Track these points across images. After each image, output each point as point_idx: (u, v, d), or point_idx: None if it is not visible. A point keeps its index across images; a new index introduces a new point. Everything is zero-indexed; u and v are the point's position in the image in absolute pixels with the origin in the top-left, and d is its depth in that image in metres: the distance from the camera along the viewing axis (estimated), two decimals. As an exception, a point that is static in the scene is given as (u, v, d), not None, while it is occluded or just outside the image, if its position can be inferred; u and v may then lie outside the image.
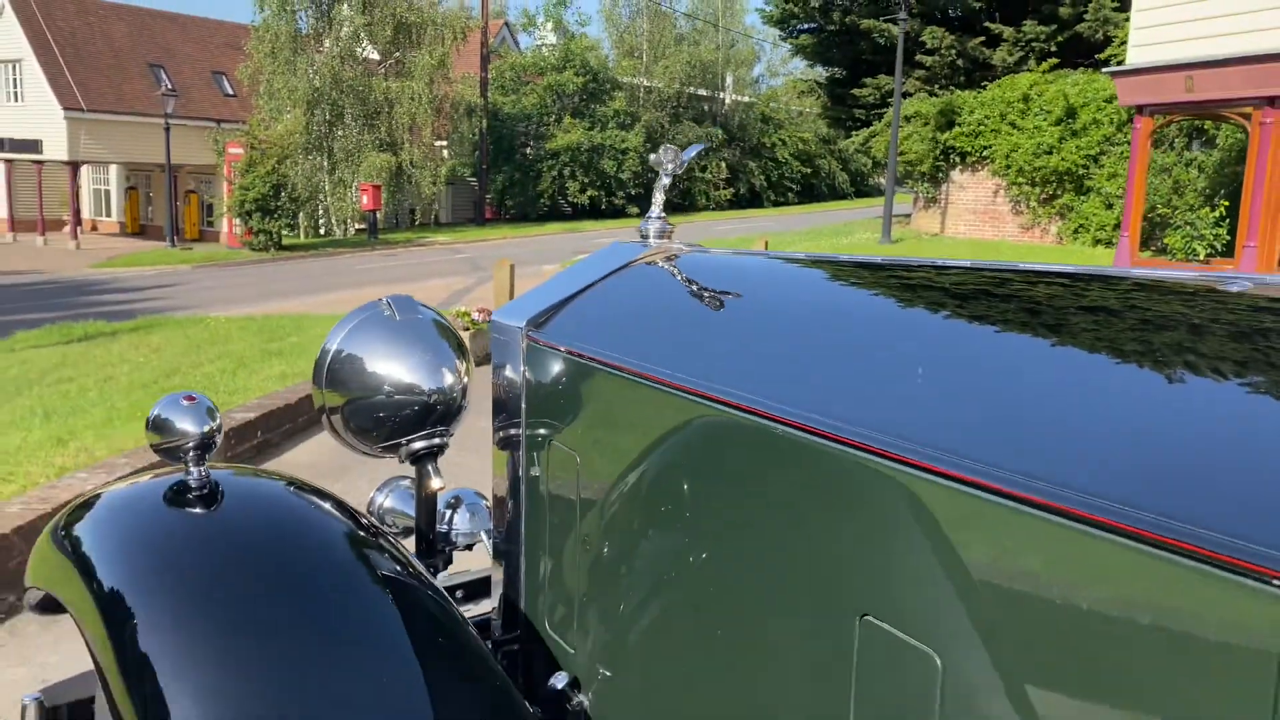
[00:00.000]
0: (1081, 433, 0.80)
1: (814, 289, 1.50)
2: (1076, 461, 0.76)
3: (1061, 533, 0.70)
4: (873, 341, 1.16)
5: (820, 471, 0.96)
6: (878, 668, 0.88)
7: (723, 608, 1.12)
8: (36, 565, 1.53)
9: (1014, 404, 0.90)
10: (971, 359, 1.01)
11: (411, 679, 1.19)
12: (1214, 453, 0.72)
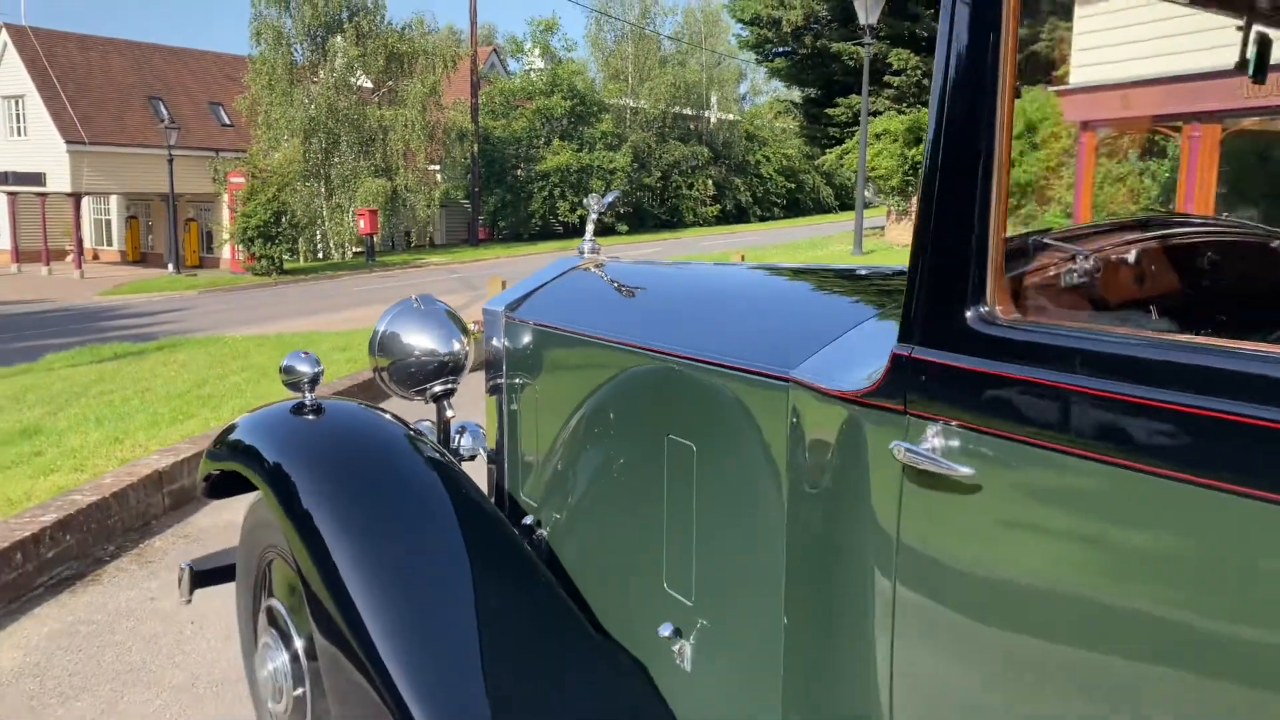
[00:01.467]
0: (739, 330, 1.75)
1: (684, 278, 2.45)
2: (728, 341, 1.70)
3: (706, 374, 1.65)
4: (704, 306, 2.10)
5: (669, 377, 1.89)
6: (676, 460, 1.82)
7: (618, 465, 2.05)
8: (206, 463, 2.46)
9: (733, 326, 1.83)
10: (749, 312, 1.95)
11: (463, 523, 2.10)
12: (789, 332, 1.66)
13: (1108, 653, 1.06)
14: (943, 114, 1.21)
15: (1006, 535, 1.18)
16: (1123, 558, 1.05)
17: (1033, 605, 1.15)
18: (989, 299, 1.17)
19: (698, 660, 1.80)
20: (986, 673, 1.22)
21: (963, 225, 1.18)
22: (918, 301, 1.23)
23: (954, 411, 1.18)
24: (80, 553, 4.08)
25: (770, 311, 1.94)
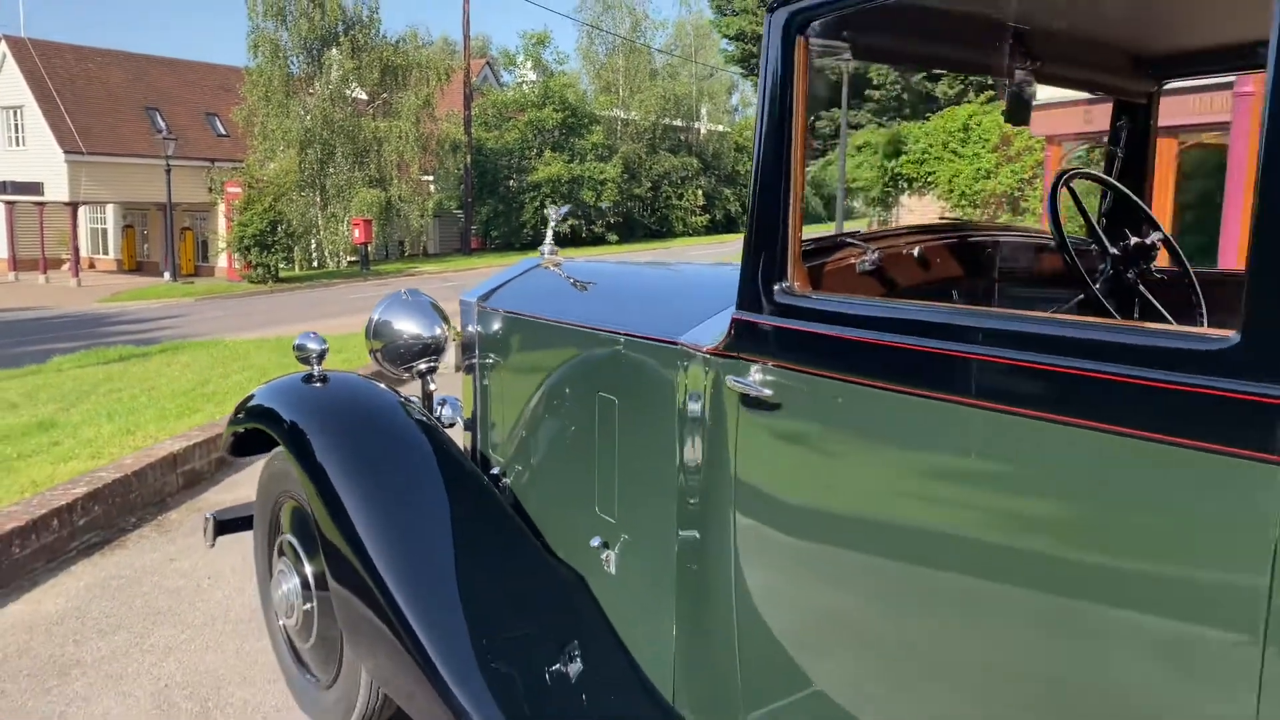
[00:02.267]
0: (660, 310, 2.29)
1: (620, 272, 2.99)
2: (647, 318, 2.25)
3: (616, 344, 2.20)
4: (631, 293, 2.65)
5: (601, 348, 2.43)
6: (604, 412, 2.36)
7: (563, 421, 2.59)
8: (230, 427, 2.99)
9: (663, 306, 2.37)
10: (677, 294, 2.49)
11: (452, 481, 2.62)
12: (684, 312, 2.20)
13: (879, 533, 1.61)
14: (758, 156, 1.76)
15: (801, 438, 1.73)
16: (877, 450, 1.60)
17: (819, 488, 1.69)
18: (789, 278, 1.71)
19: (620, 564, 2.34)
20: (794, 539, 1.77)
21: (772, 231, 1.73)
22: (745, 282, 1.78)
23: (767, 355, 1.73)
24: (106, 523, 4.60)
25: (679, 296, 2.49)
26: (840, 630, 1.73)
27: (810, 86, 1.73)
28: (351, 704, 2.68)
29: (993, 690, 1.44)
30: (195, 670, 3.23)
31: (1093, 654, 1.26)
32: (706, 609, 2.05)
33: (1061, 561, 1.32)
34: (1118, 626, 1.25)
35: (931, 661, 1.53)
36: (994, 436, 1.40)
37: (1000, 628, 1.41)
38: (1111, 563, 1.26)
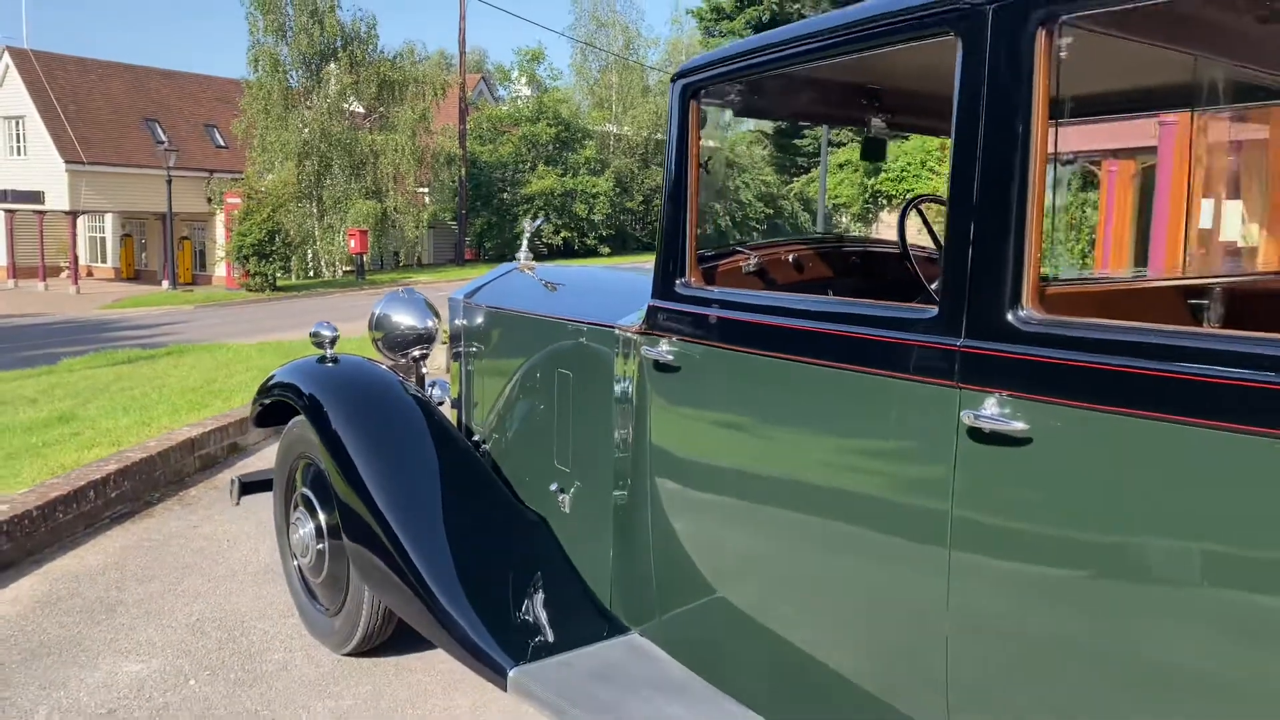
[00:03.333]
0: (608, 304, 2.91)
1: (581, 273, 3.62)
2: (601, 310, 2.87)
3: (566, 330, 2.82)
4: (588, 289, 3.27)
5: (562, 332, 3.04)
6: (562, 384, 2.97)
7: (531, 394, 3.20)
8: (255, 402, 3.60)
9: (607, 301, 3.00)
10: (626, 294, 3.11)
11: (444, 451, 3.22)
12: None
13: (754, 467, 2.23)
14: (666, 186, 2.39)
15: (695, 394, 2.35)
16: (748, 398, 2.23)
17: (709, 433, 2.32)
18: (687, 274, 2.34)
19: (572, 505, 2.95)
20: (692, 476, 2.39)
21: (675, 242, 2.35)
22: (656, 277, 2.40)
23: (670, 331, 2.35)
24: (134, 496, 5.19)
25: (621, 293, 3.10)
26: (728, 551, 2.35)
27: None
28: (354, 628, 3.27)
29: (836, 589, 2.05)
30: (221, 609, 3.82)
31: (908, 560, 1.86)
32: (632, 537, 2.67)
33: (856, 470, 1.95)
34: (882, 520, 1.87)
35: (795, 572, 2.14)
36: (822, 386, 2.02)
37: (838, 537, 2.03)
38: (875, 468, 1.89)
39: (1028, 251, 1.61)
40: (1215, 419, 1.36)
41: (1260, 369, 1.31)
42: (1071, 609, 1.57)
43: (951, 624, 1.74)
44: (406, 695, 3.13)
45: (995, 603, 1.68)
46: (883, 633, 1.91)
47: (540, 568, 2.93)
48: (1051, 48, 1.57)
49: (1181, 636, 1.43)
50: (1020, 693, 1.66)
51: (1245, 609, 1.35)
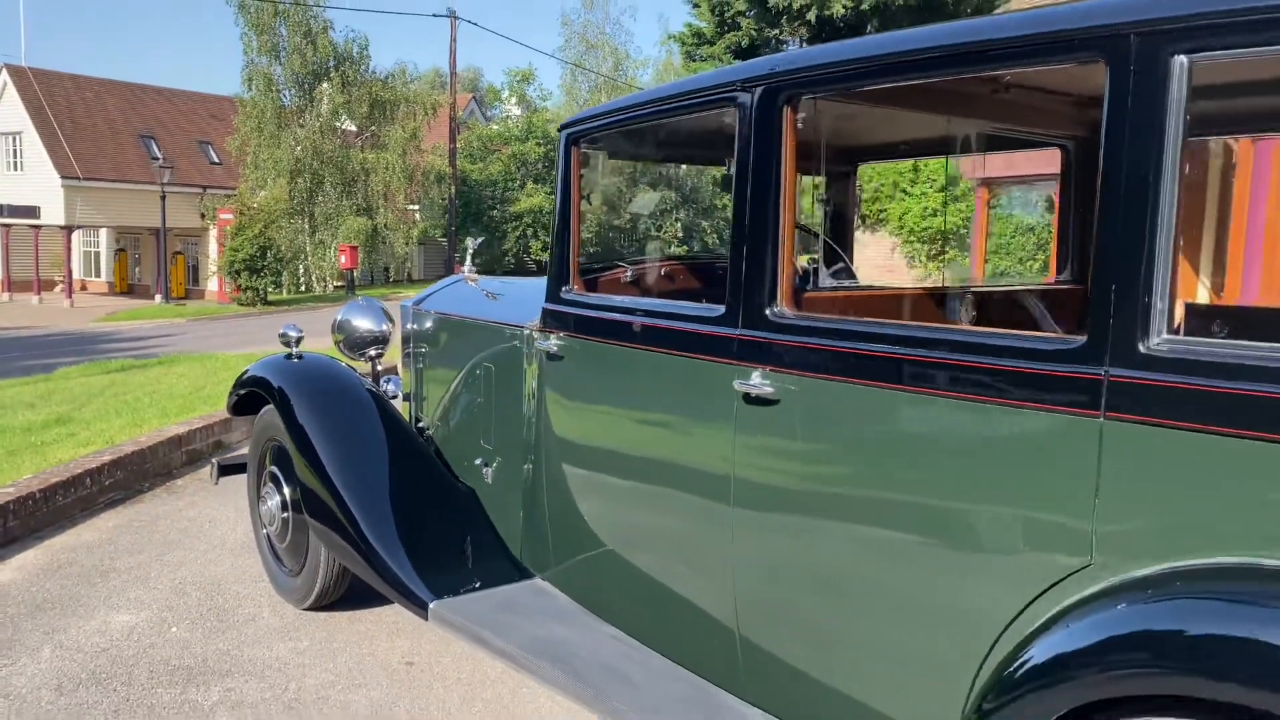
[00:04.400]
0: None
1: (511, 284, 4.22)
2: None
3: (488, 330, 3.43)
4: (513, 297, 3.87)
5: (489, 332, 3.64)
6: (485, 376, 3.57)
7: (465, 386, 3.80)
8: (231, 393, 4.19)
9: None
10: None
11: (400, 448, 3.80)
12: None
13: (618, 434, 2.83)
14: (555, 214, 3.00)
15: (574, 377, 2.95)
16: (613, 379, 2.83)
17: (584, 408, 2.91)
18: (571, 283, 2.94)
19: (493, 476, 3.54)
20: (572, 445, 2.98)
21: (562, 256, 2.96)
22: (549, 286, 3.01)
23: (557, 327, 2.96)
24: (126, 484, 5.76)
25: (537, 299, 3.70)
26: (600, 510, 2.93)
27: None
28: (313, 585, 3.85)
29: (670, 529, 2.64)
30: (201, 575, 4.39)
31: (710, 494, 2.45)
32: (534, 500, 3.26)
33: (676, 429, 2.54)
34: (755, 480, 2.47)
35: (645, 521, 2.72)
36: (654, 367, 2.62)
37: (668, 486, 2.62)
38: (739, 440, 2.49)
39: (781, 265, 2.22)
40: (905, 385, 1.96)
41: (934, 349, 1.91)
42: (812, 531, 2.17)
43: (736, 541, 2.33)
44: (355, 639, 3.71)
45: (763, 523, 2.28)
46: (698, 556, 2.50)
47: (464, 527, 3.52)
48: (795, 119, 2.18)
49: (890, 555, 2.02)
50: (780, 596, 2.26)
51: (940, 534, 1.93)
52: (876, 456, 2.03)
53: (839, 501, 2.11)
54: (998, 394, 1.80)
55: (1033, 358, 1.75)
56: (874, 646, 2.06)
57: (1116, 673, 1.54)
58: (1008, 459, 1.80)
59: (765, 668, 2.32)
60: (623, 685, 2.56)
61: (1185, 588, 1.56)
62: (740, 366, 2.27)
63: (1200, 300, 7.75)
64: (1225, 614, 1.49)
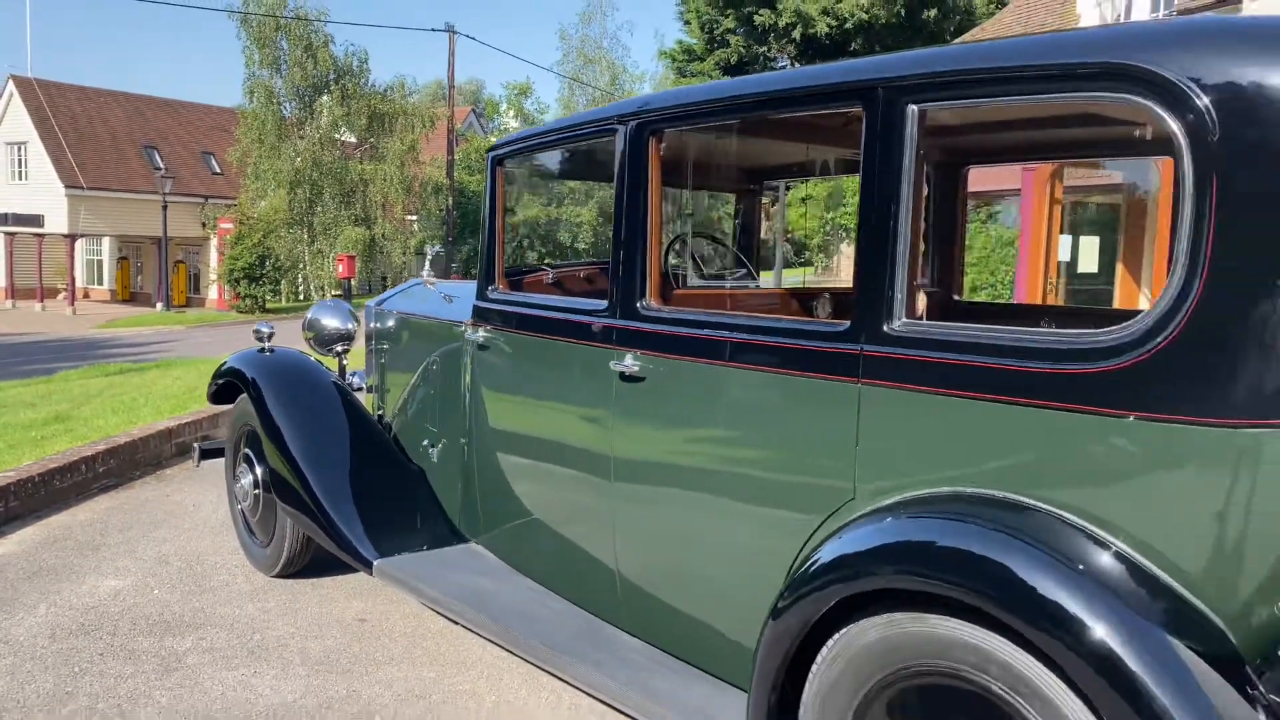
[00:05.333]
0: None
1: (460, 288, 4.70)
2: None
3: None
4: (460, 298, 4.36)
5: (438, 329, 4.13)
6: (434, 367, 4.06)
7: (419, 377, 4.28)
8: (211, 382, 4.66)
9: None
10: None
11: (359, 431, 4.27)
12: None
13: (533, 412, 3.32)
14: (482, 225, 3.47)
15: (497, 363, 3.43)
16: (526, 363, 3.31)
17: (505, 389, 3.39)
18: (496, 283, 3.42)
19: (438, 455, 4.02)
20: (496, 422, 3.46)
21: (489, 260, 3.44)
22: (478, 284, 3.49)
23: (486, 322, 3.44)
24: (119, 472, 6.24)
25: (479, 300, 4.19)
26: (518, 481, 3.40)
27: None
28: (280, 554, 4.31)
29: (570, 492, 3.11)
30: (183, 549, 4.86)
31: (598, 458, 2.92)
32: (468, 476, 3.73)
33: (570, 404, 3.02)
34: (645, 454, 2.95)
35: (553, 489, 3.19)
36: (554, 353, 3.09)
37: (566, 454, 3.09)
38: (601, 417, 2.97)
39: (649, 267, 2.70)
40: (729, 361, 2.43)
41: (749, 334, 2.39)
42: (668, 484, 2.64)
43: (615, 496, 2.81)
44: (316, 600, 4.18)
45: (634, 479, 2.75)
46: (589, 511, 2.97)
47: (412, 500, 3.99)
48: (659, 147, 2.67)
49: (722, 499, 2.49)
50: (646, 540, 2.73)
51: (754, 478, 2.39)
52: (712, 419, 2.51)
53: (687, 457, 2.59)
54: (792, 367, 2.27)
55: (813, 338, 2.23)
56: (712, 575, 2.53)
57: (867, 571, 2.01)
58: (799, 418, 2.27)
59: (638, 602, 2.79)
60: (528, 623, 3.03)
61: (918, 510, 2.03)
62: (617, 350, 2.75)
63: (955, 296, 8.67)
64: (942, 529, 1.96)
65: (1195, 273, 1.67)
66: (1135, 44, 1.75)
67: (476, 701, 3.28)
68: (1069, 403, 1.81)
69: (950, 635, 1.91)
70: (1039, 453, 1.88)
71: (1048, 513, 1.86)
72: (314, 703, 3.26)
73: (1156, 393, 1.72)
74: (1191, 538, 1.73)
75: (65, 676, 3.42)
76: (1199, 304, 1.67)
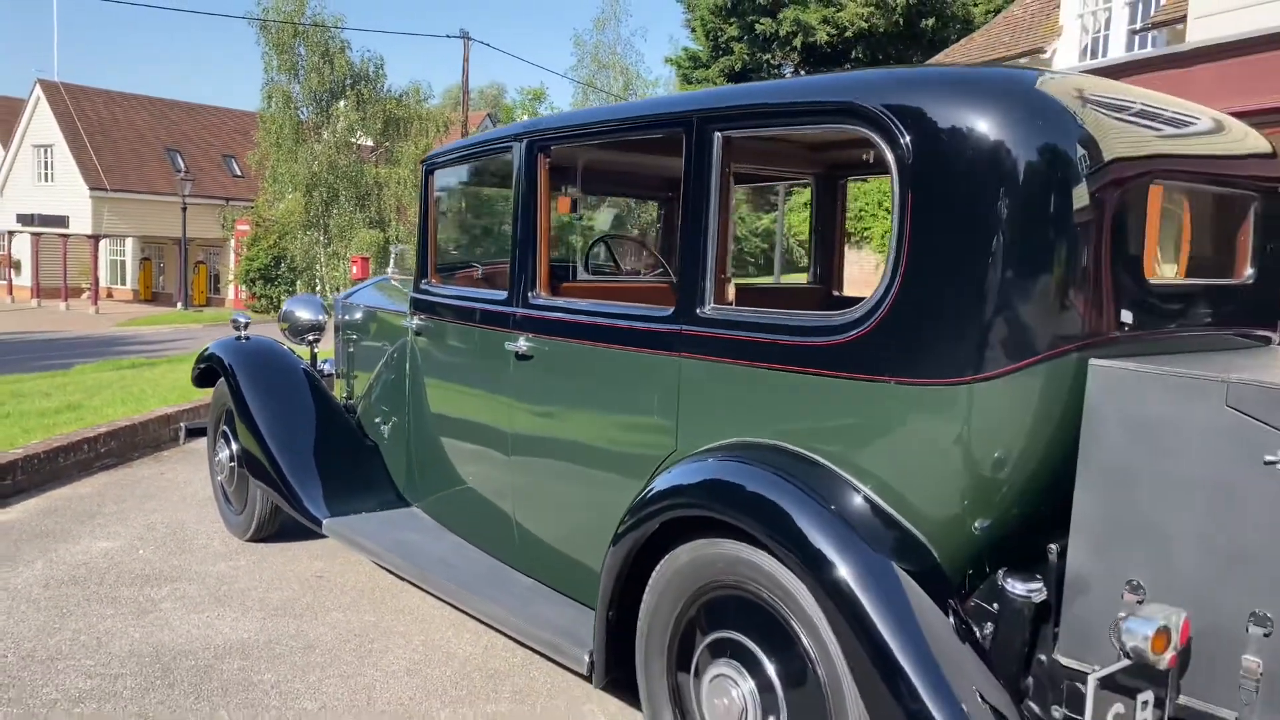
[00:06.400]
0: None
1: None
2: None
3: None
4: None
5: (393, 319, 4.65)
6: (389, 353, 4.57)
7: (379, 364, 4.80)
8: (194, 365, 5.20)
9: None
10: None
11: (321, 410, 4.79)
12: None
13: (454, 384, 3.83)
14: (417, 226, 3.98)
15: (429, 345, 3.94)
16: (448, 345, 3.81)
17: (434, 366, 3.90)
18: (429, 276, 3.93)
19: (388, 431, 4.52)
20: (429, 395, 3.97)
21: (423, 257, 3.94)
22: (414, 278, 3.99)
23: (420, 311, 3.95)
24: (120, 452, 6.79)
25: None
26: (447, 451, 3.90)
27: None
28: (251, 521, 4.84)
29: (487, 457, 3.60)
30: (170, 518, 5.39)
31: (502, 426, 3.42)
32: (408, 448, 4.23)
33: (481, 381, 3.52)
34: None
35: (474, 456, 3.69)
36: (470, 337, 3.59)
37: (480, 425, 3.59)
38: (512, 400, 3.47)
39: (539, 263, 3.19)
40: (591, 341, 2.93)
41: (606, 318, 2.88)
42: (551, 443, 3.13)
43: (512, 454, 3.31)
44: (282, 560, 4.69)
45: (527, 440, 3.25)
46: (494, 469, 3.46)
47: (364, 471, 4.50)
48: (546, 162, 3.17)
49: (588, 455, 2.98)
50: (535, 492, 3.22)
51: (610, 437, 2.88)
52: (580, 389, 3.01)
53: (562, 421, 3.08)
54: (634, 345, 2.76)
55: (648, 321, 2.72)
56: (581, 520, 3.02)
57: (670, 504, 2.50)
58: (640, 386, 2.76)
59: (530, 547, 3.29)
60: (445, 569, 3.53)
61: (713, 456, 2.51)
62: (513, 334, 3.25)
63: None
64: (726, 470, 2.44)
65: (897, 268, 2.15)
66: (862, 87, 2.24)
67: (406, 639, 3.78)
68: (812, 368, 2.29)
69: (734, 554, 2.40)
70: (799, 409, 2.36)
71: (803, 455, 2.34)
72: (264, 639, 3.77)
73: (870, 360, 2.19)
74: (906, 476, 2.21)
75: (54, 616, 3.95)
76: (898, 292, 2.15)
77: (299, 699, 3.30)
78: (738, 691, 2.38)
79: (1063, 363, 2.09)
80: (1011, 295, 2.06)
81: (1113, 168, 2.14)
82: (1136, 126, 2.33)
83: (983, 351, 2.07)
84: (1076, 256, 2.09)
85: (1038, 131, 2.07)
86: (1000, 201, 2.05)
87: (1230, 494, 1.88)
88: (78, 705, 3.22)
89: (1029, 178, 2.06)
